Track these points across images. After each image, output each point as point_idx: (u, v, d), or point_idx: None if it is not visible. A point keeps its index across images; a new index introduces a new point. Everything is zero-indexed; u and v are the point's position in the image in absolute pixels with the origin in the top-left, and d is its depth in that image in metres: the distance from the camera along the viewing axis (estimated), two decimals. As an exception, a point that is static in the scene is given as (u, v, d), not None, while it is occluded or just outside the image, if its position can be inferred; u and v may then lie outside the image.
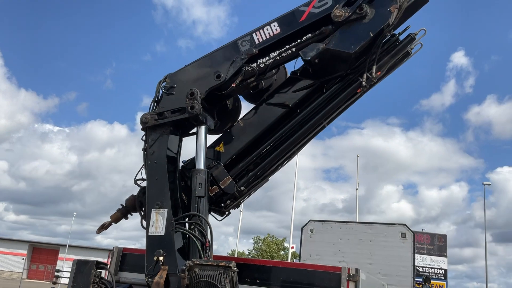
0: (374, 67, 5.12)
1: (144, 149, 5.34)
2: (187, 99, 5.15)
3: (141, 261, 5.94)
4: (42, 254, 65.93)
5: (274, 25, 5.17)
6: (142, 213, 5.40)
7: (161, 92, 5.39)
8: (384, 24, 4.82)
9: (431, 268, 26.36)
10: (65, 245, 60.67)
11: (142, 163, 5.37)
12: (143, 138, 5.37)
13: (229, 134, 5.61)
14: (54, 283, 5.27)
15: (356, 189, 31.41)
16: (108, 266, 5.53)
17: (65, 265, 52.33)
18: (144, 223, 5.33)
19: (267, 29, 5.19)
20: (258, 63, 5.26)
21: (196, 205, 4.94)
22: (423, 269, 25.01)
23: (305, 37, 5.14)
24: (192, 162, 5.61)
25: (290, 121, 5.45)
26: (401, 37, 5.44)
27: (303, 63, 5.27)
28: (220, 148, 5.55)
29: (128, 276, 5.81)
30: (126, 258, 6.02)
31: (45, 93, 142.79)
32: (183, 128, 5.44)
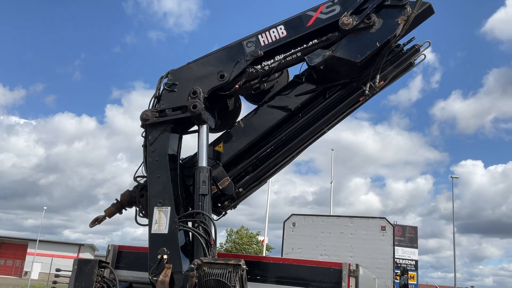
0: (378, 76, 5.12)
1: (144, 146, 5.25)
2: (189, 98, 5.07)
3: (137, 258, 5.89)
4: (10, 249, 64.21)
5: (281, 28, 5.11)
6: (138, 209, 5.34)
7: (162, 88, 5.29)
8: (391, 35, 4.82)
9: (403, 259, 26.94)
10: (33, 240, 59.17)
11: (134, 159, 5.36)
12: (143, 135, 5.27)
13: (229, 135, 5.55)
14: (55, 282, 5.12)
15: (331, 183, 31.69)
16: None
17: (35, 260, 51.23)
18: (139, 219, 5.32)
19: (273, 32, 5.12)
20: (263, 65, 5.19)
21: (200, 203, 4.89)
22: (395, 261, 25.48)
23: (311, 42, 5.08)
24: (190, 160, 5.56)
25: (291, 125, 5.42)
26: (406, 47, 5.44)
27: (308, 67, 5.20)
28: (220, 148, 5.49)
29: (125, 274, 5.72)
30: (122, 256, 5.92)
31: (12, 84, 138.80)
32: (183, 126, 5.36)
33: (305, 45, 5.09)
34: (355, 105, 5.50)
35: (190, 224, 4.91)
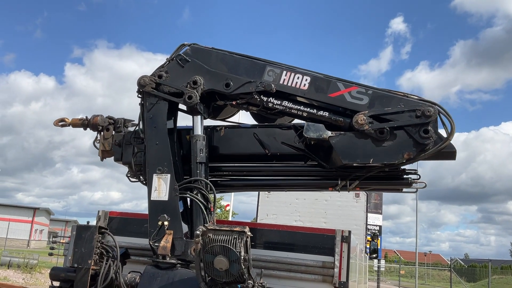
0: (356, 182, 5.10)
1: (140, 104, 5.30)
2: (188, 85, 5.09)
3: (127, 224, 6.03)
4: (-40, 213, 62.33)
5: (306, 80, 4.88)
6: (99, 136, 5.67)
7: (174, 57, 5.27)
8: (389, 162, 4.61)
9: (368, 224, 28.00)
10: (-15, 203, 57.72)
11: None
12: (139, 96, 5.31)
13: (207, 136, 5.43)
14: (52, 248, 5.18)
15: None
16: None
17: (-11, 225, 50.07)
18: (98, 144, 5.65)
19: (298, 78, 4.90)
20: (269, 100, 5.01)
21: (198, 171, 5.04)
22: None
23: (321, 112, 4.87)
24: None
25: (260, 166, 5.49)
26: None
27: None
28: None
29: (117, 240, 5.84)
30: (112, 222, 6.03)
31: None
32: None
33: (315, 111, 4.90)
34: (322, 188, 5.55)
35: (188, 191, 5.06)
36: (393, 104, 4.63)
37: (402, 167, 5.02)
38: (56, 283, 5.03)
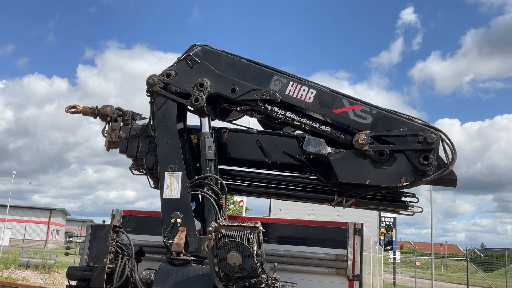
0: (352, 200, 5.12)
1: (150, 102, 5.35)
2: (195, 87, 5.11)
3: (141, 222, 6.09)
4: (-24, 216, 63.29)
5: (312, 93, 4.87)
6: (108, 126, 5.74)
7: (184, 56, 5.28)
8: (386, 185, 4.62)
9: (382, 216, 27.82)
10: (3, 206, 58.52)
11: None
12: (148, 95, 5.36)
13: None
14: (68, 248, 5.26)
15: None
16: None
17: (6, 226, 50.82)
18: (105, 134, 5.72)
19: (304, 90, 4.89)
20: (273, 109, 5.01)
21: (208, 168, 5.10)
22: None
23: (323, 127, 4.89)
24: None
25: (258, 173, 5.53)
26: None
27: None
28: (194, 139, 5.50)
29: (131, 238, 5.90)
30: (126, 220, 6.09)
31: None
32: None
33: (317, 125, 4.92)
34: (318, 202, 5.58)
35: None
36: (396, 127, 4.62)
37: (400, 190, 5.00)
38: (73, 282, 5.12)
